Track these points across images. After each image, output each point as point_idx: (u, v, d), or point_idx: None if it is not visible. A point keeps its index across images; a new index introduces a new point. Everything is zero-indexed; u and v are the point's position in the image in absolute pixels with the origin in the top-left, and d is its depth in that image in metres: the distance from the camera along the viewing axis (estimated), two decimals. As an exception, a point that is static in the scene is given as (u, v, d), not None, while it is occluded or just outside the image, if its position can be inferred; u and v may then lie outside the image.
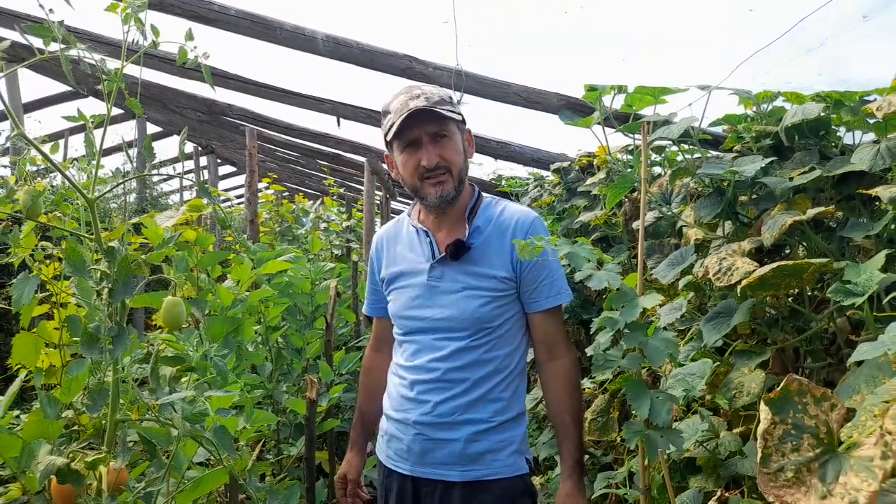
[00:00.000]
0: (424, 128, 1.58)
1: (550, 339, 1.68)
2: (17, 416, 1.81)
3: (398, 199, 8.37)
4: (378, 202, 6.25)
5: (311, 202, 7.11)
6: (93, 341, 0.78)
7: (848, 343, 1.57)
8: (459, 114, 1.64)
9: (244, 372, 2.31)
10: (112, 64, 0.96)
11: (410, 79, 2.98)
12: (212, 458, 1.15)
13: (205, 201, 1.14)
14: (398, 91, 1.66)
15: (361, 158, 5.34)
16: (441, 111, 1.57)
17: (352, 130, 4.75)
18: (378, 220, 6.53)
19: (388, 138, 1.63)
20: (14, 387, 1.35)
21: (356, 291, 3.59)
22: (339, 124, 4.20)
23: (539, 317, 1.66)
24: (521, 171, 4.71)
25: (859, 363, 1.18)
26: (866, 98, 1.67)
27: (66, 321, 1.20)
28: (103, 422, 1.11)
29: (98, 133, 1.10)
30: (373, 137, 5.28)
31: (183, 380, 1.66)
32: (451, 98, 1.66)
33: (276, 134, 6.12)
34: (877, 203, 1.54)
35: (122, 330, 0.78)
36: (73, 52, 0.87)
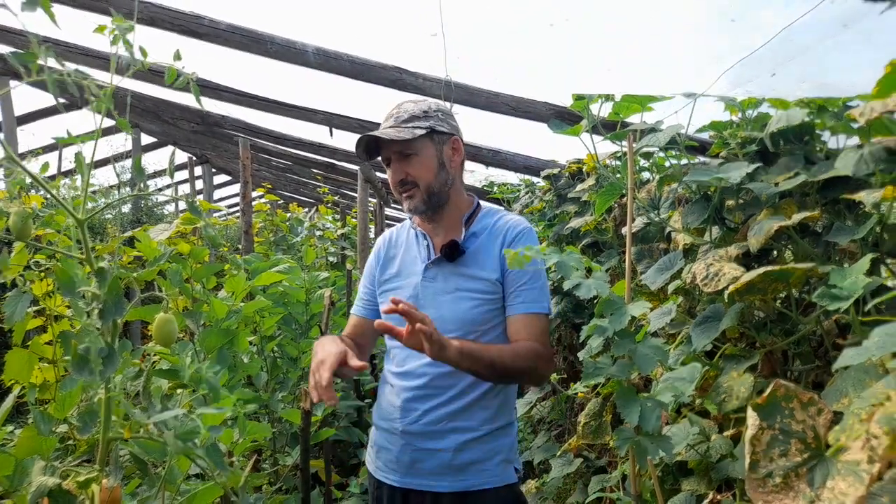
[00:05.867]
0: (390, 147, 1.66)
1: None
2: (12, 432, 1.81)
3: (392, 205, 8.38)
4: (372, 209, 6.26)
5: (307, 210, 7.11)
6: (83, 363, 0.79)
7: (835, 346, 1.58)
8: (428, 128, 1.65)
9: (239, 383, 2.32)
10: (104, 76, 0.97)
11: (401, 90, 3.00)
12: (207, 471, 1.16)
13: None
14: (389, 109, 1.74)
15: (355, 167, 5.35)
16: (396, 136, 1.61)
17: (345, 140, 4.77)
18: (372, 228, 6.54)
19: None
20: (8, 402, 1.35)
21: (350, 299, 3.60)
22: (331, 134, 4.21)
23: (511, 320, 1.65)
24: (512, 177, 4.73)
25: (847, 367, 1.19)
26: (849, 104, 1.69)
27: (60, 336, 1.21)
28: (97, 436, 1.11)
29: (88, 151, 1.11)
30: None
31: (178, 392, 1.67)
32: (429, 110, 1.68)
33: (270, 144, 6.13)
34: (861, 207, 1.56)
35: (113, 351, 0.79)
36: (69, 66, 0.87)
